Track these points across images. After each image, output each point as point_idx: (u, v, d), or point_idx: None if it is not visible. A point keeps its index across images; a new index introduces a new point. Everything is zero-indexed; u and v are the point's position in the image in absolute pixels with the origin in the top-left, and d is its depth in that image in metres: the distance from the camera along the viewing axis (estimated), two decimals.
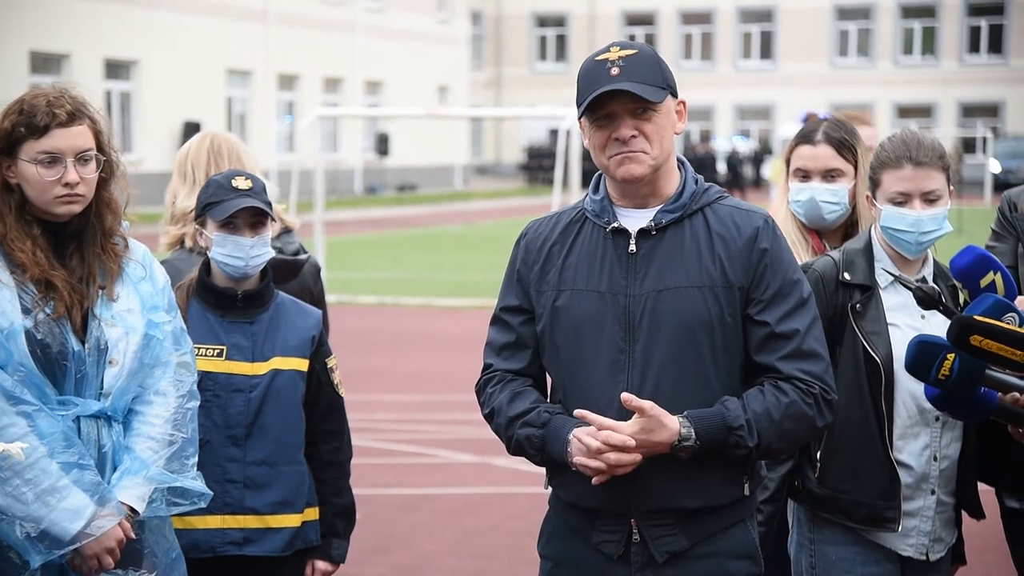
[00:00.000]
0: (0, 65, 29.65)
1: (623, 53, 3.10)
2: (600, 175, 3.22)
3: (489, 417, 3.23)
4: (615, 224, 3.15)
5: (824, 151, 4.21)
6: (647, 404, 3.01)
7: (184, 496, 3.40)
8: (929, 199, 3.59)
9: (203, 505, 3.45)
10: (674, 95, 3.15)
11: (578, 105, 3.12)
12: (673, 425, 3.01)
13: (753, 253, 3.10)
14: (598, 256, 3.15)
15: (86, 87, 3.48)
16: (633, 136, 3.08)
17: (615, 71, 3.07)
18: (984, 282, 3.44)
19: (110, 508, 3.25)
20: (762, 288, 3.10)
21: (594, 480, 3.04)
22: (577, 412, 3.06)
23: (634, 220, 3.15)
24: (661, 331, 3.07)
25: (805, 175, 4.23)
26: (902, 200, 3.60)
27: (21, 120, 3.28)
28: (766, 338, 3.09)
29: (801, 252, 4.15)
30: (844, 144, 4.21)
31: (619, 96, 3.06)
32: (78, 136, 3.31)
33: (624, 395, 3.02)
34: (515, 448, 3.18)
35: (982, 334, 3.25)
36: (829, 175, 4.20)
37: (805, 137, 4.26)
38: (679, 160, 3.21)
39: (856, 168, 4.20)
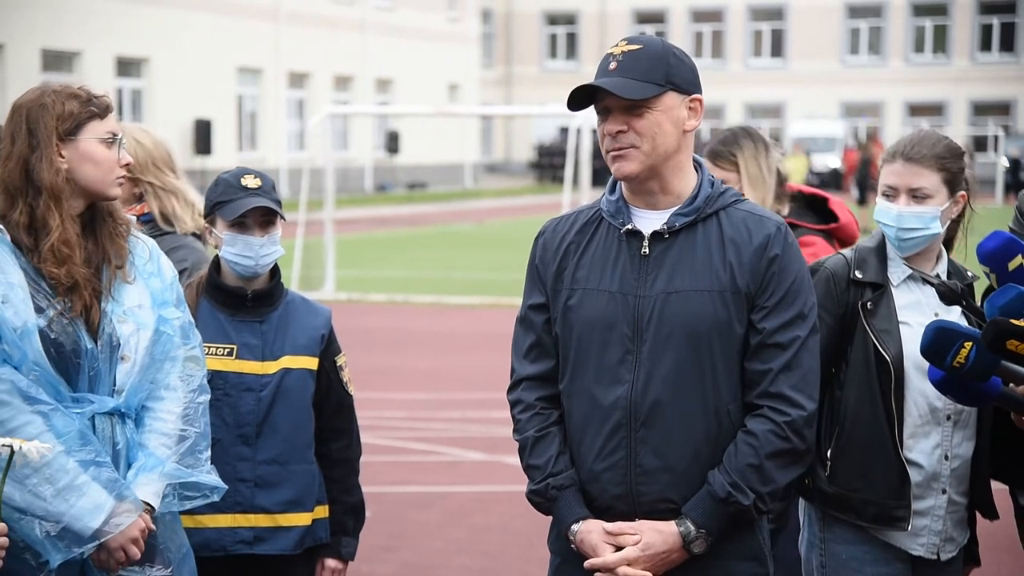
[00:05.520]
0: (12, 63, 29.74)
1: (627, 48, 3.10)
2: None
3: (516, 441, 3.24)
4: (629, 225, 3.14)
5: None
6: (629, 538, 3.05)
7: (196, 489, 3.40)
8: (916, 196, 3.58)
9: (216, 499, 3.45)
10: (683, 92, 3.12)
11: None
12: (668, 527, 3.04)
13: (763, 260, 3.09)
14: (611, 257, 3.14)
15: (97, 84, 3.51)
16: (621, 131, 3.08)
17: (613, 65, 3.08)
18: (1012, 265, 3.41)
19: (128, 504, 3.25)
20: (767, 295, 3.09)
21: None
22: (608, 527, 3.09)
23: (648, 222, 3.14)
24: (668, 333, 3.07)
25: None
26: (890, 194, 3.60)
27: (84, 102, 3.35)
28: (760, 345, 3.08)
29: None
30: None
31: (607, 91, 3.06)
32: (117, 123, 3.44)
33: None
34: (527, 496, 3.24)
35: (1020, 339, 3.23)
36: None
37: None
38: (696, 161, 3.19)
39: None
